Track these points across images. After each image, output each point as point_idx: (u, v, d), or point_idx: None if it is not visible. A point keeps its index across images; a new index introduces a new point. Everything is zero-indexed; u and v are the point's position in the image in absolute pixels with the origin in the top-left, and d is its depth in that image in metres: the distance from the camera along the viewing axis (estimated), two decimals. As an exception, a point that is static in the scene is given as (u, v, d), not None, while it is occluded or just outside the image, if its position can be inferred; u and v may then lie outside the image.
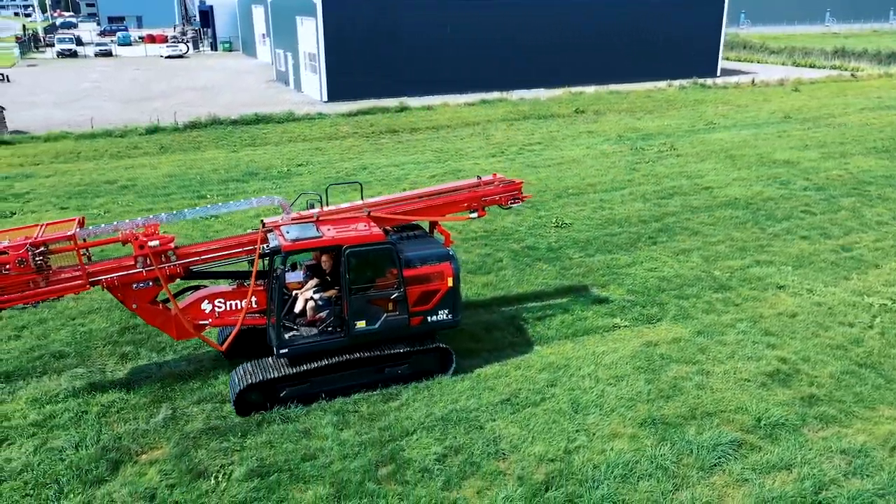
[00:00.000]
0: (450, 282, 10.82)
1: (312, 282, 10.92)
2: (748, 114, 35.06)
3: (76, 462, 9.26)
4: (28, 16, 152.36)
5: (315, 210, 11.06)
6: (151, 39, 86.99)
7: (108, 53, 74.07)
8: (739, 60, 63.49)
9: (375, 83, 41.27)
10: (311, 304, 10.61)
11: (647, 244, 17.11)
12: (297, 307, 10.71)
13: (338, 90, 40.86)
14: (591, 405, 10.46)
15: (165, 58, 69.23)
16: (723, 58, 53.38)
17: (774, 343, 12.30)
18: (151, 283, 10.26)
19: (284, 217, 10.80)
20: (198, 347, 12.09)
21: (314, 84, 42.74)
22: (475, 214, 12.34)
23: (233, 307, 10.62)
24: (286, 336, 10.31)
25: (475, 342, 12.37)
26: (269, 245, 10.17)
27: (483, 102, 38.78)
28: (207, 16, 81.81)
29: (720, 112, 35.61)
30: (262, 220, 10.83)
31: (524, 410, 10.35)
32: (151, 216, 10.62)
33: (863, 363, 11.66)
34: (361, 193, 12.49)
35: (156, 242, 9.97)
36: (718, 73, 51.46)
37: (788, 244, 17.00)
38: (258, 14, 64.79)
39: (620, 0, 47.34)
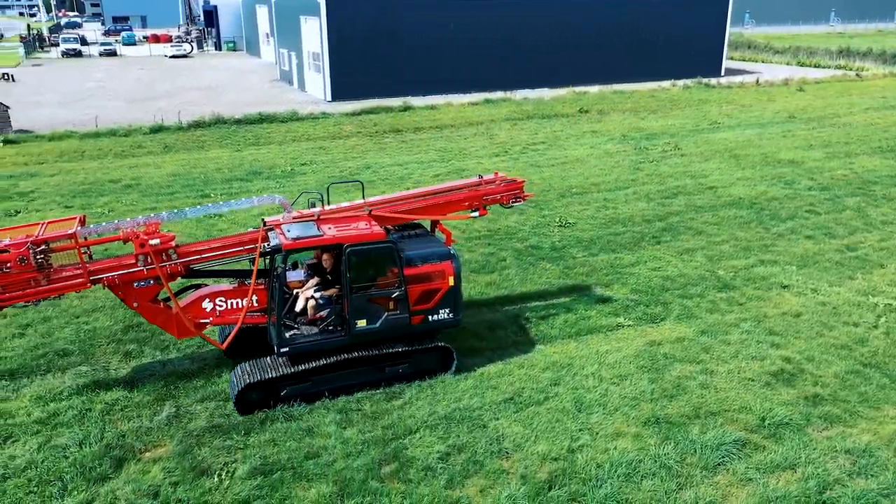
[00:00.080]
0: (451, 281, 10.81)
1: (313, 280, 10.92)
2: (752, 113, 34.98)
3: (80, 459, 9.27)
4: (33, 16, 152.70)
5: (316, 209, 11.05)
6: (156, 39, 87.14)
7: (113, 53, 74.31)
8: (744, 60, 63.37)
9: (379, 82, 41.31)
10: (312, 303, 10.61)
11: (651, 243, 17.08)
12: (298, 306, 10.71)
13: (341, 89, 40.91)
14: (595, 404, 10.45)
15: (170, 57, 69.40)
16: (727, 57, 53.27)
17: (779, 343, 12.26)
18: (152, 282, 10.27)
19: (285, 216, 10.80)
20: (201, 346, 12.11)
21: (318, 83, 42.79)
22: (476, 213, 12.34)
23: (234, 306, 10.63)
24: (287, 335, 10.31)
25: (479, 341, 12.36)
26: (270, 244, 10.18)
27: (487, 102, 38.77)
28: (211, 15, 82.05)
29: (724, 112, 35.53)
30: (263, 219, 10.84)
31: (527, 409, 10.34)
32: (152, 215, 10.63)
33: (867, 363, 11.62)
34: (363, 192, 12.49)
35: (156, 241, 9.98)
36: (723, 73, 51.37)
37: (793, 244, 16.95)
38: (262, 14, 64.92)
39: (624, 0, 47.31)
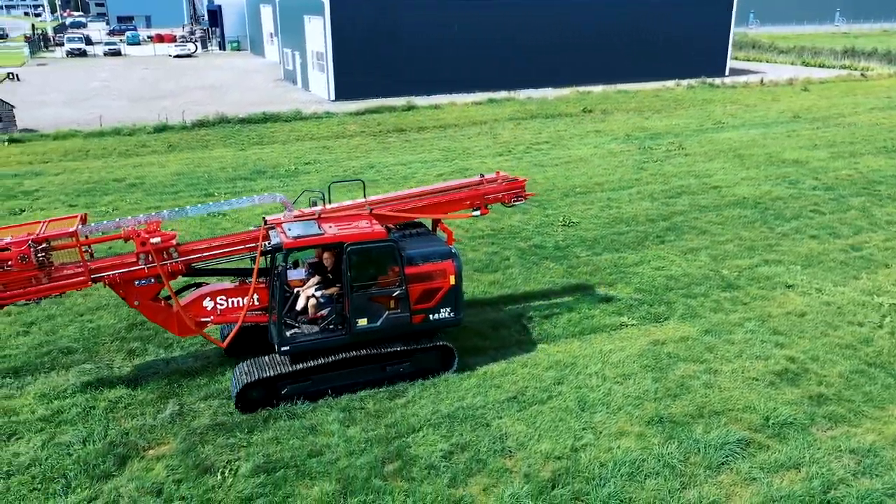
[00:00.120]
0: (452, 280, 10.79)
1: (314, 279, 10.91)
2: (757, 113, 34.89)
3: (84, 457, 9.29)
4: (38, 15, 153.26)
5: (317, 207, 11.05)
6: (160, 39, 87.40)
7: (118, 53, 74.51)
8: (748, 60, 63.23)
9: (382, 82, 41.34)
10: (313, 302, 10.60)
11: (655, 243, 17.05)
12: (299, 305, 10.69)
13: (345, 89, 40.94)
14: (598, 403, 10.43)
15: (174, 57, 69.54)
16: (731, 57, 53.18)
17: (783, 342, 12.22)
18: (153, 280, 10.27)
19: (287, 214, 10.80)
20: (204, 344, 12.12)
21: (322, 83, 42.83)
22: (478, 212, 12.31)
23: (234, 304, 10.63)
24: (287, 333, 10.30)
25: (482, 340, 12.35)
26: (271, 242, 10.17)
27: (490, 101, 38.75)
28: (216, 15, 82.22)
29: (729, 111, 35.45)
30: (265, 218, 10.84)
31: (531, 408, 10.33)
32: (154, 213, 10.62)
33: (872, 363, 11.57)
34: (364, 191, 12.49)
35: (157, 239, 9.98)
36: (727, 73, 51.27)
37: (797, 243, 16.90)
38: (266, 13, 65.01)
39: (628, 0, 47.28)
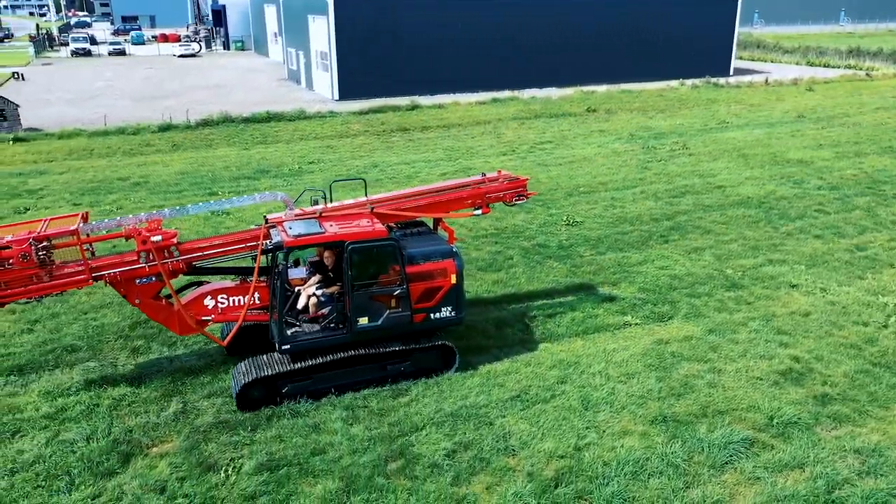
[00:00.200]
0: (453, 279, 10.78)
1: (315, 278, 10.91)
2: (761, 113, 34.81)
3: (87, 454, 9.31)
4: (43, 15, 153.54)
5: (318, 206, 11.05)
6: (164, 38, 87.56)
7: (122, 52, 74.66)
8: (753, 60, 63.05)
9: (386, 82, 41.33)
10: (314, 301, 10.61)
11: (659, 242, 17.02)
12: (300, 303, 10.69)
13: (349, 89, 40.94)
14: (602, 402, 10.41)
15: (178, 57, 69.63)
16: (736, 57, 53.02)
17: (787, 342, 12.19)
18: (154, 279, 10.29)
19: (288, 213, 10.80)
20: (208, 342, 12.13)
21: (325, 82, 42.85)
22: (479, 211, 12.28)
23: (235, 303, 10.63)
24: (288, 332, 10.30)
25: (485, 339, 12.34)
26: (272, 241, 10.18)
27: (494, 101, 38.72)
28: (220, 15, 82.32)
29: (733, 111, 35.37)
30: (266, 216, 10.83)
31: (534, 407, 10.31)
32: (155, 211, 10.63)
33: (877, 362, 11.53)
34: (365, 190, 12.49)
35: (158, 237, 10.00)
36: (731, 73, 51.12)
37: (802, 243, 16.85)
38: (270, 13, 65.07)
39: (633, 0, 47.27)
